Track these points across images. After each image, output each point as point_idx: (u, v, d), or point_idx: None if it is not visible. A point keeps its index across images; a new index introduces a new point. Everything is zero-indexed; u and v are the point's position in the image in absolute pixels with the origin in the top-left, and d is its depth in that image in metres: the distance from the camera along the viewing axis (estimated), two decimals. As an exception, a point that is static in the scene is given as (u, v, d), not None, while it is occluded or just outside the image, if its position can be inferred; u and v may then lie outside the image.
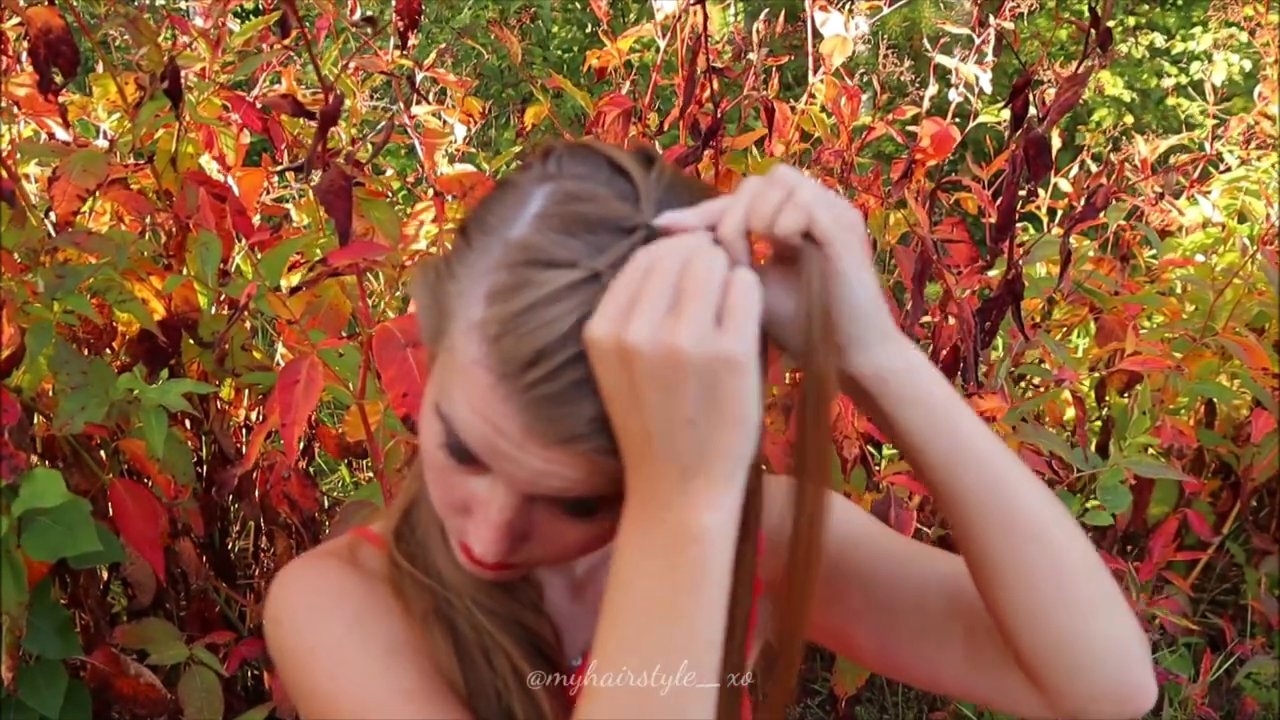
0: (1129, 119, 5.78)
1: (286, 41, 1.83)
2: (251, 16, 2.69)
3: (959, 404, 0.62)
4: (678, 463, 0.54)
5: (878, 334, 0.60)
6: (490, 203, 0.60)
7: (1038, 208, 2.85)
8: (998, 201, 1.83)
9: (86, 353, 1.79)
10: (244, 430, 2.13)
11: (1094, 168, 2.94)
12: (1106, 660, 0.65)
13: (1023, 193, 1.91)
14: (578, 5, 6.28)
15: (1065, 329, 2.63)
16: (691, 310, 0.52)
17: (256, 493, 1.94)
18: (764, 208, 0.57)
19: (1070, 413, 2.43)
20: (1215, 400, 2.49)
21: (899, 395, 0.61)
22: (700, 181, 0.61)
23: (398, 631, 0.69)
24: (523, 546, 0.62)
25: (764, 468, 0.61)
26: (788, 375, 1.75)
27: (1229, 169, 3.17)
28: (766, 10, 2.58)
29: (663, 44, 2.23)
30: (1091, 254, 2.64)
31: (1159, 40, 6.41)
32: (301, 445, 2.24)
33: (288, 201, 2.53)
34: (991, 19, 2.25)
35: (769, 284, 0.58)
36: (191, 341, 1.74)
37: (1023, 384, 2.44)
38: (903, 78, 2.58)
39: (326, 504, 2.48)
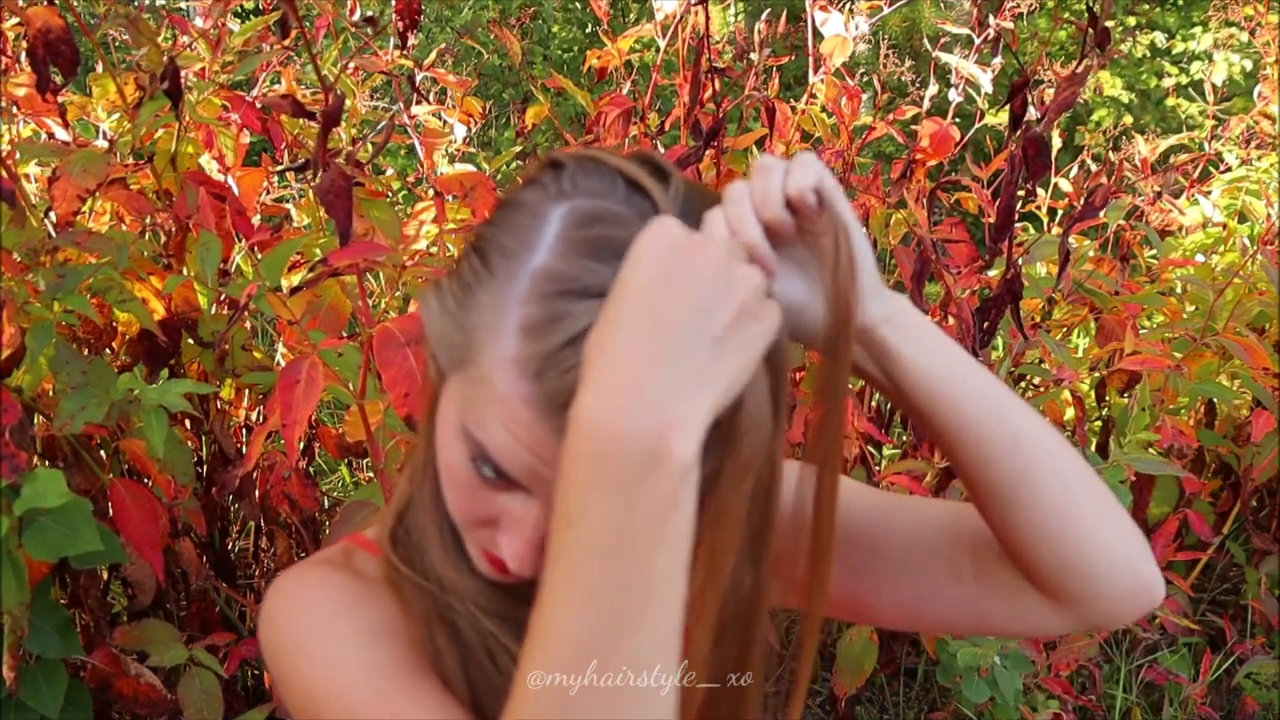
0: (1128, 119, 5.78)
1: (286, 42, 1.82)
2: (251, 16, 2.69)
3: (953, 342, 0.66)
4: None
5: (877, 282, 0.63)
6: (504, 223, 0.60)
7: (1038, 208, 2.85)
8: (997, 201, 1.83)
9: (86, 353, 1.79)
10: (244, 430, 2.13)
11: (1094, 168, 2.94)
12: (1118, 559, 0.67)
13: (1022, 193, 1.91)
14: (578, 5, 6.29)
15: (1065, 329, 2.63)
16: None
17: (257, 493, 1.94)
18: (769, 187, 0.59)
19: (1070, 413, 2.43)
20: (1215, 400, 2.50)
21: (907, 333, 0.63)
22: (708, 189, 0.62)
23: (386, 619, 0.68)
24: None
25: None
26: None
27: (1229, 169, 3.18)
28: (767, 11, 2.58)
29: (663, 44, 2.23)
30: (1091, 254, 2.64)
31: (1159, 40, 6.41)
32: (302, 445, 2.24)
33: (288, 201, 2.53)
34: (991, 19, 2.24)
35: (780, 277, 0.60)
36: (191, 341, 1.74)
37: (1023, 384, 2.44)
38: (903, 78, 2.57)
39: (326, 504, 2.48)
